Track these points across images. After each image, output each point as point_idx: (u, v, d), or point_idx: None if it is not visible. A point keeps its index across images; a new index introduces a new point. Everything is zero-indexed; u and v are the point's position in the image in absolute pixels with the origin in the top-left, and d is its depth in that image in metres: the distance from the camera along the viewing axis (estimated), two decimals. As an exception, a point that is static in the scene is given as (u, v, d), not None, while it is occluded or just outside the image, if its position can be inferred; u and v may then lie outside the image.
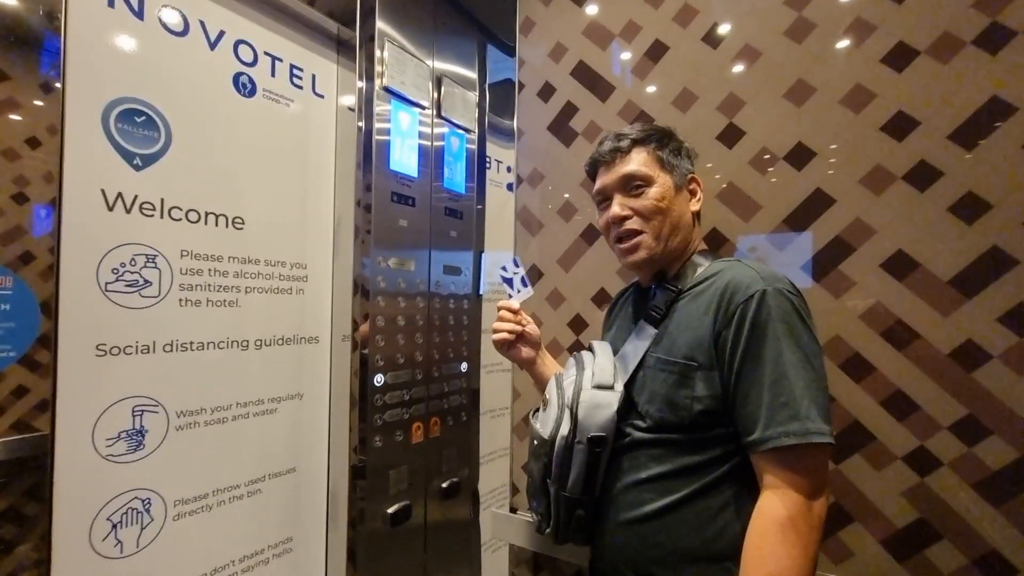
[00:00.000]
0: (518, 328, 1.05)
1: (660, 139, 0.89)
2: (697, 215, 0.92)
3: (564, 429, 0.83)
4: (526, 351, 1.07)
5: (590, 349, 0.95)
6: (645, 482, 0.81)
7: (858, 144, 1.02)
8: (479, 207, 1.78)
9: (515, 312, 1.06)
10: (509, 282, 1.08)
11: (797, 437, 0.69)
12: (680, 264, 0.89)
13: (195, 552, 1.07)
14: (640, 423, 0.83)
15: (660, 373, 0.81)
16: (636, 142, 0.89)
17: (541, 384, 1.09)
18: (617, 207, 0.88)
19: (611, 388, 0.84)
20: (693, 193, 0.91)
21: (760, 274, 0.76)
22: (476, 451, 1.72)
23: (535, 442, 0.89)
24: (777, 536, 0.69)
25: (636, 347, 0.87)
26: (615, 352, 0.92)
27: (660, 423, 0.80)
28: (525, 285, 1.08)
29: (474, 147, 1.76)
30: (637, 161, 0.87)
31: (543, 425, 0.88)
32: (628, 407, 0.85)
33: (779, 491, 0.70)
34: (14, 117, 1.58)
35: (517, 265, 1.08)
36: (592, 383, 0.85)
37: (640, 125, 0.93)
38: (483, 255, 1.77)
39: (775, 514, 0.70)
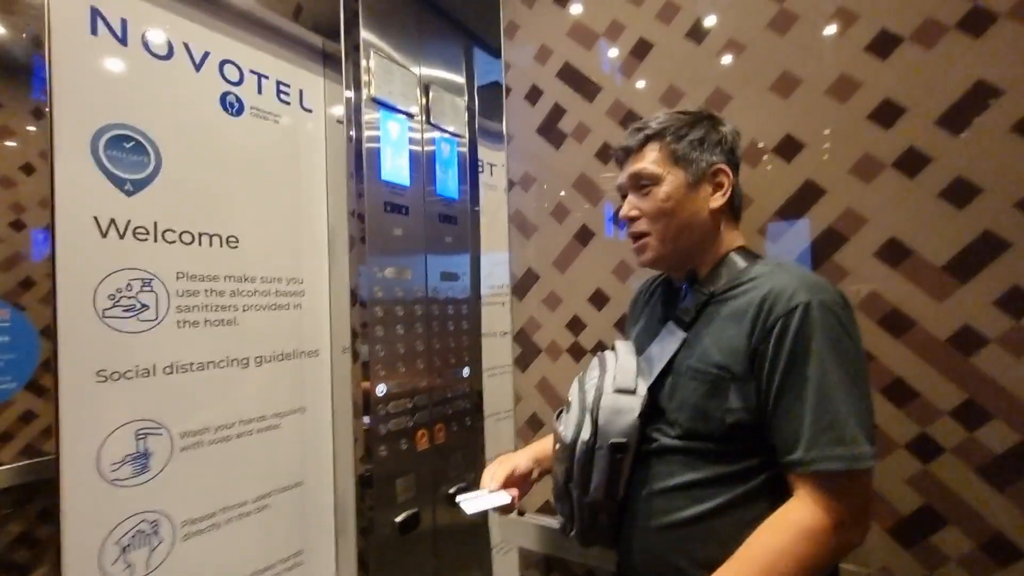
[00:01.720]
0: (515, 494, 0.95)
1: (678, 129, 0.82)
2: (728, 209, 0.84)
3: (585, 434, 0.80)
4: (525, 476, 0.99)
5: (613, 349, 0.92)
6: (676, 489, 0.78)
7: (846, 133, 1.01)
8: (474, 211, 1.79)
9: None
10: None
11: (843, 462, 0.66)
12: (713, 263, 0.83)
13: (206, 571, 1.08)
14: (669, 430, 0.80)
15: (691, 381, 0.77)
16: (649, 137, 0.83)
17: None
18: (625, 207, 0.85)
19: (633, 392, 0.81)
20: (719, 187, 0.82)
21: (804, 283, 0.71)
22: (482, 455, 1.72)
23: (558, 446, 0.86)
24: (790, 538, 0.67)
25: (663, 350, 0.83)
26: (640, 351, 0.88)
27: (690, 432, 0.77)
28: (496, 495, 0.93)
29: (465, 152, 1.77)
30: (648, 159, 0.82)
31: (565, 428, 0.85)
32: (656, 412, 0.82)
33: (812, 507, 0.67)
34: (8, 144, 1.59)
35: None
36: (613, 387, 0.82)
37: (666, 113, 0.85)
38: (480, 259, 1.77)
39: (798, 520, 0.67)
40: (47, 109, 0.91)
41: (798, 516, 0.68)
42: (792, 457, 0.69)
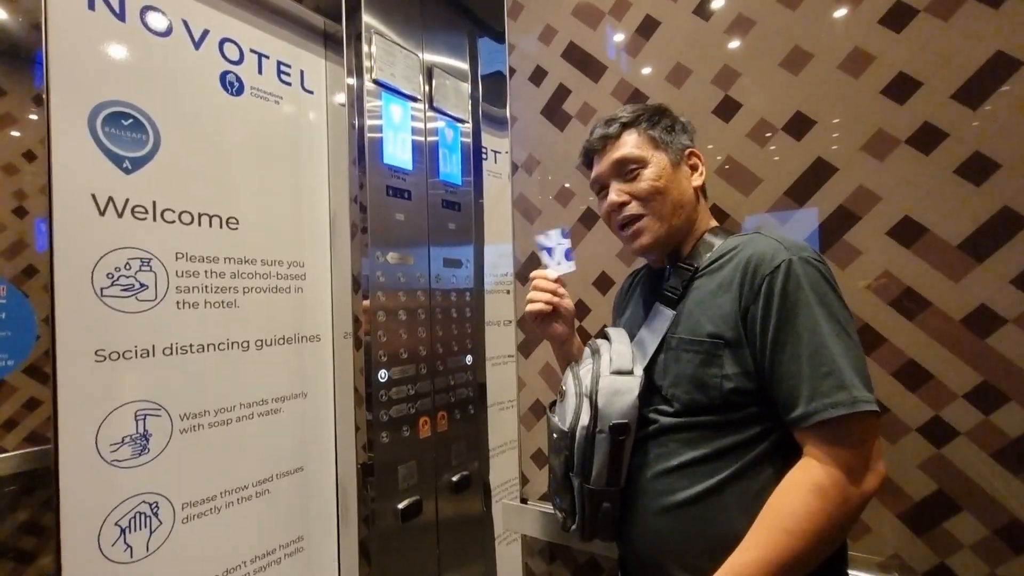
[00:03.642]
0: (555, 300, 0.98)
1: (651, 117, 0.86)
2: (702, 190, 0.88)
3: (584, 419, 0.80)
4: (560, 327, 1.01)
5: (605, 336, 0.92)
6: (677, 469, 0.77)
7: (859, 109, 0.99)
8: (478, 198, 1.77)
9: (552, 283, 0.99)
10: (549, 251, 1.00)
11: (845, 407, 0.65)
12: (693, 242, 0.86)
13: (206, 554, 1.07)
14: (666, 408, 0.80)
15: (684, 354, 0.78)
16: (625, 125, 0.86)
17: (567, 365, 1.05)
18: (614, 194, 0.85)
19: (630, 373, 0.81)
20: (694, 168, 0.86)
21: (783, 244, 0.73)
22: (485, 444, 1.71)
23: (554, 435, 0.85)
24: (803, 496, 0.66)
25: (654, 330, 0.84)
26: (631, 338, 0.89)
27: (689, 406, 0.77)
28: (568, 259, 0.99)
29: (469, 138, 1.75)
30: (629, 144, 0.85)
31: (561, 417, 0.85)
32: (651, 392, 0.82)
33: (819, 460, 0.67)
34: (11, 132, 1.59)
35: (564, 236, 1.00)
36: (610, 369, 0.82)
37: (631, 106, 0.89)
38: (484, 246, 1.75)
39: (809, 477, 0.67)
40: (44, 86, 0.90)
41: (807, 473, 0.68)
42: (795, 414, 0.69)
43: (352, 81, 1.33)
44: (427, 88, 1.55)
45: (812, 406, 0.67)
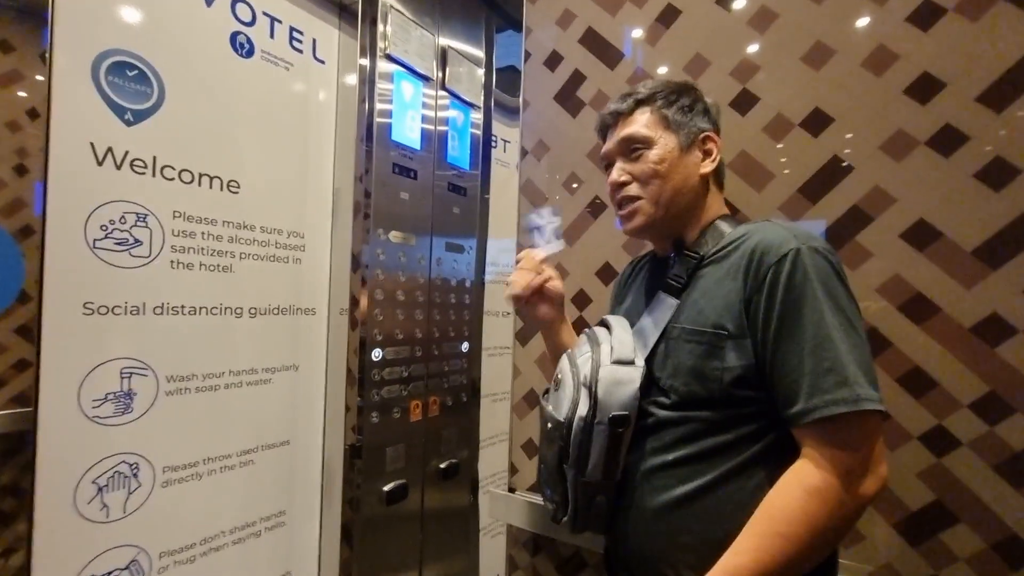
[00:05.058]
0: (538, 280, 0.95)
1: (668, 95, 0.82)
2: (713, 177, 0.84)
3: (582, 409, 0.76)
4: (545, 309, 0.97)
5: (604, 325, 0.89)
6: (671, 465, 0.75)
7: (879, 108, 0.97)
8: (484, 184, 1.75)
9: (537, 262, 0.95)
10: (539, 230, 0.96)
11: (847, 405, 0.62)
12: (699, 230, 0.83)
13: (184, 520, 1.05)
14: (664, 400, 0.77)
15: (686, 344, 0.75)
16: (640, 102, 0.83)
17: (556, 352, 1.01)
18: (615, 172, 0.83)
19: (632, 363, 0.78)
20: (708, 153, 0.82)
21: (793, 232, 0.70)
22: (476, 433, 1.69)
23: (548, 425, 0.82)
24: (799, 499, 0.63)
25: (655, 320, 0.81)
26: (631, 326, 0.86)
27: (687, 398, 0.74)
28: (557, 238, 0.96)
29: (480, 123, 1.73)
30: (639, 122, 0.81)
31: (557, 406, 0.82)
32: (650, 384, 0.79)
33: (816, 461, 0.64)
34: (17, 89, 1.57)
35: (555, 215, 0.96)
36: (612, 358, 0.78)
37: (652, 82, 0.86)
38: (488, 231, 1.73)
39: (804, 478, 0.64)
40: (49, 29, 0.87)
41: (804, 474, 0.65)
42: (793, 410, 0.66)
43: (365, 55, 1.31)
44: (440, 69, 1.54)
45: (812, 402, 0.64)
